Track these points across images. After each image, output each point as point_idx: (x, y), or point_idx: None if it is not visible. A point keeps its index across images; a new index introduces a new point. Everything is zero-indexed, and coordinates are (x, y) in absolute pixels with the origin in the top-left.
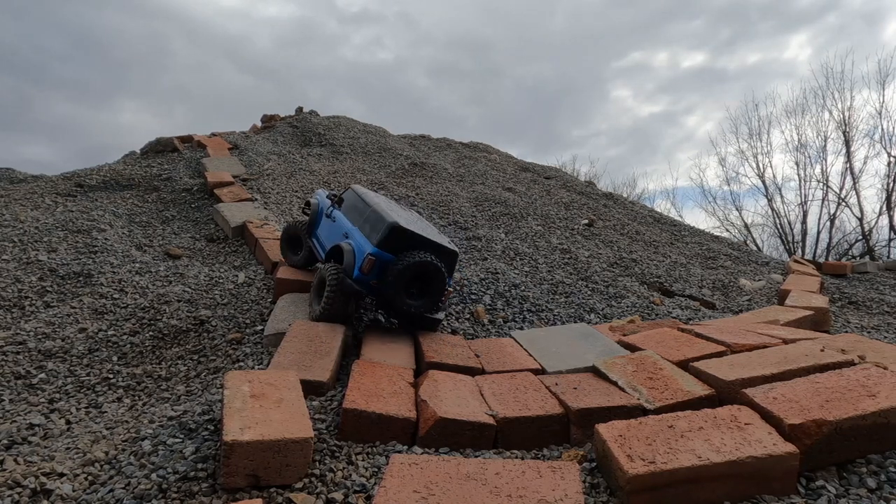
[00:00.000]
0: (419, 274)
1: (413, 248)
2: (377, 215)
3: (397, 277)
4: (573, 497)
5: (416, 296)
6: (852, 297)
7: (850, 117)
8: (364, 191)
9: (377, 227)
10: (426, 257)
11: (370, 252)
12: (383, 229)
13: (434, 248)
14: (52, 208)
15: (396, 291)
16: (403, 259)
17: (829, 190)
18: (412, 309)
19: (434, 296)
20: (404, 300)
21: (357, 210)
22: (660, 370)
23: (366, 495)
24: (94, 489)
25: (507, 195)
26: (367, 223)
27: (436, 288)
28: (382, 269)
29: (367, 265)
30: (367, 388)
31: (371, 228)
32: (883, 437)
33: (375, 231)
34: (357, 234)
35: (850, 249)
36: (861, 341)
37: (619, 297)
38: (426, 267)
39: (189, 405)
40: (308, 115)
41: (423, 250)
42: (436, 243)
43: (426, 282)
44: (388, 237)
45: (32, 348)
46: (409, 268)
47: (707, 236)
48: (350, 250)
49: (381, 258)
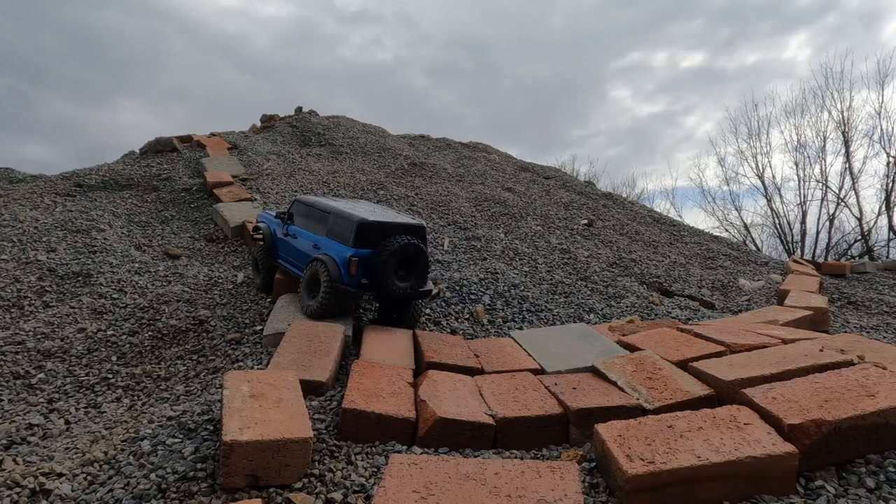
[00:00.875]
0: (403, 257)
1: (385, 236)
2: (341, 218)
3: (385, 266)
4: (572, 497)
5: (406, 277)
6: (851, 298)
7: (850, 117)
8: (313, 198)
9: (346, 229)
10: (404, 240)
11: (351, 254)
12: (353, 229)
13: (405, 230)
14: (51, 208)
15: (388, 279)
16: (384, 249)
17: (828, 190)
18: (407, 290)
19: (421, 272)
20: (396, 285)
21: (315, 218)
22: (659, 370)
23: (365, 495)
24: (93, 489)
25: (506, 195)
26: (335, 227)
27: (420, 265)
28: (367, 265)
29: (352, 267)
30: (366, 388)
31: (340, 231)
32: (882, 437)
33: (345, 232)
34: (327, 241)
35: (849, 249)
36: (860, 341)
37: (618, 297)
38: (408, 249)
39: (188, 405)
40: (307, 115)
41: (396, 234)
42: (405, 224)
43: (411, 262)
44: (359, 234)
45: (31, 348)
46: (394, 254)
47: (706, 236)
48: (330, 259)
49: (361, 256)
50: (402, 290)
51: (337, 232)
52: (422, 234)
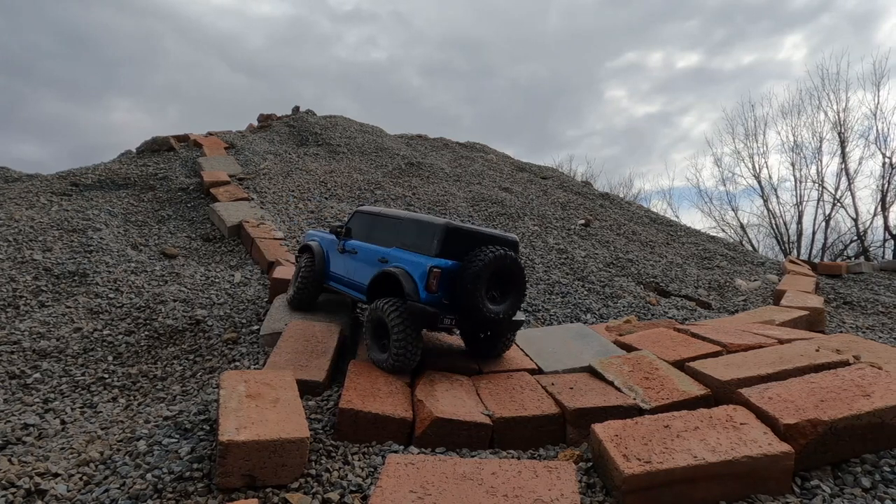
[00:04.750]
0: (495, 272)
1: (473, 248)
2: (420, 224)
3: (475, 281)
4: (569, 497)
5: (498, 299)
6: (847, 298)
7: (845, 118)
8: (376, 208)
9: (427, 236)
10: (500, 251)
11: (432, 265)
12: (437, 234)
13: (497, 242)
14: (47, 207)
15: (477, 298)
16: (475, 260)
17: (824, 190)
18: (500, 315)
19: (518, 294)
20: (488, 307)
21: (383, 228)
22: (656, 370)
23: (362, 495)
24: (88, 489)
25: (503, 195)
26: (409, 236)
27: (517, 284)
28: (450, 281)
29: (433, 280)
30: (363, 388)
31: (417, 240)
32: (877, 436)
33: (426, 240)
34: (400, 252)
35: (845, 250)
36: (856, 341)
37: (615, 297)
38: (504, 261)
39: (185, 405)
40: (305, 115)
41: (488, 246)
42: (496, 236)
43: (505, 280)
44: (446, 242)
45: (27, 348)
46: (486, 267)
47: (703, 237)
48: (404, 272)
49: (445, 268)
50: (495, 316)
51: (412, 241)
52: (515, 249)
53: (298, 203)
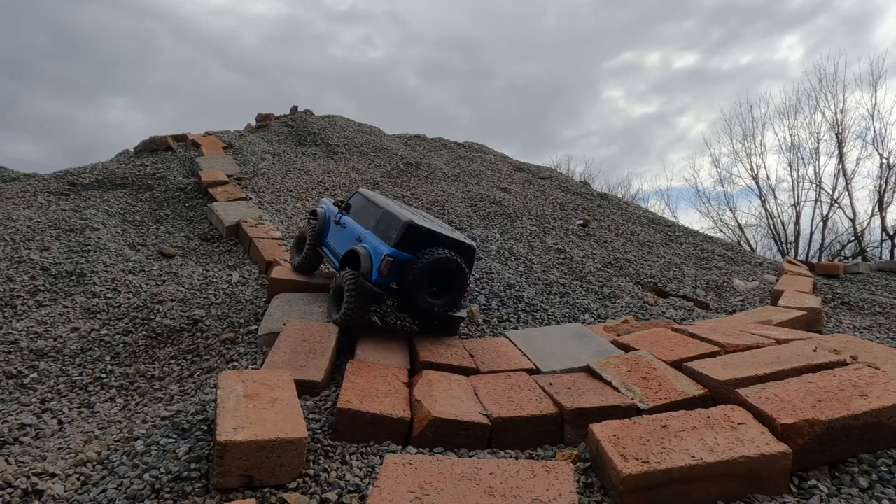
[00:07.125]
0: (440, 271)
1: (430, 246)
2: (390, 216)
3: (418, 276)
4: (567, 497)
5: (438, 294)
6: (845, 298)
7: (843, 119)
8: (373, 194)
9: (392, 227)
10: (446, 254)
11: (387, 252)
12: (399, 228)
13: (452, 245)
14: (44, 207)
15: (418, 290)
16: (423, 257)
17: (821, 191)
18: (435, 308)
19: (456, 293)
20: (426, 299)
21: (368, 213)
22: (654, 370)
23: (360, 495)
24: (86, 489)
25: (502, 195)
26: (381, 224)
27: (457, 284)
28: (401, 270)
29: (385, 266)
30: (361, 388)
31: (385, 229)
32: (875, 436)
33: (390, 231)
34: (371, 236)
35: (842, 250)
36: (853, 341)
37: (613, 298)
38: (447, 263)
39: (182, 405)
40: (303, 115)
41: (440, 247)
42: (453, 239)
43: (447, 279)
44: (404, 236)
45: (24, 348)
46: (430, 265)
47: (701, 237)
48: (366, 254)
49: (398, 258)
50: (431, 306)
51: (383, 229)
52: (469, 255)
53: (297, 203)
